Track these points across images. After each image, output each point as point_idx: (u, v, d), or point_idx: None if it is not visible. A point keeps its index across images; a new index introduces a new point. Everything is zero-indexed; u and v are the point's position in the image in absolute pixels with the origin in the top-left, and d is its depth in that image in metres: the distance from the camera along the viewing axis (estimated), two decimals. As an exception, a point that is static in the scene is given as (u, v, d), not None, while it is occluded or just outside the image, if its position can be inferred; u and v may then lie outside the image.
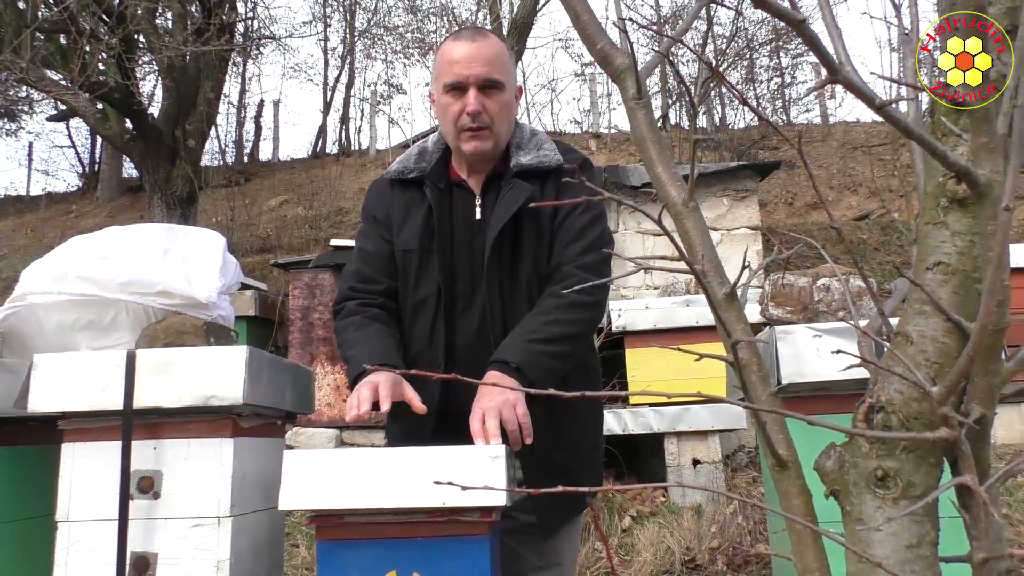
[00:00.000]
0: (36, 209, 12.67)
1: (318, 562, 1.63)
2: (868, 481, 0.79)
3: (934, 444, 0.76)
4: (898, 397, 0.79)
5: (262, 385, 1.67)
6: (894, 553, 0.76)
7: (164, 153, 7.65)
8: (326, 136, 14.57)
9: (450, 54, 1.81)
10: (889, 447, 0.78)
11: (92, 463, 1.62)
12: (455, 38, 1.84)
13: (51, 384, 1.61)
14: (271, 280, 6.98)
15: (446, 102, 1.81)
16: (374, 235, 1.91)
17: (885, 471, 0.78)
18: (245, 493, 1.66)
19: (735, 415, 3.73)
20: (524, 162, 1.85)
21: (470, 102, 1.78)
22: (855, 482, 0.80)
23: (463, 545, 1.61)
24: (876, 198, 9.35)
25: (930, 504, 0.77)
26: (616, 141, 12.06)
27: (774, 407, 0.83)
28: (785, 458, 0.83)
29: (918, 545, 0.76)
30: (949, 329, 0.79)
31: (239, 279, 2.09)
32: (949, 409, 0.72)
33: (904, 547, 0.76)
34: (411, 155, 1.95)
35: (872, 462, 0.79)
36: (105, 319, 1.87)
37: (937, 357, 0.79)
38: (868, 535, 0.76)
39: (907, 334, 0.82)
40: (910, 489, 0.77)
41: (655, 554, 3.17)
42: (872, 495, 0.78)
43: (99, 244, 1.95)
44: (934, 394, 0.73)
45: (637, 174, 5.22)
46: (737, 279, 0.83)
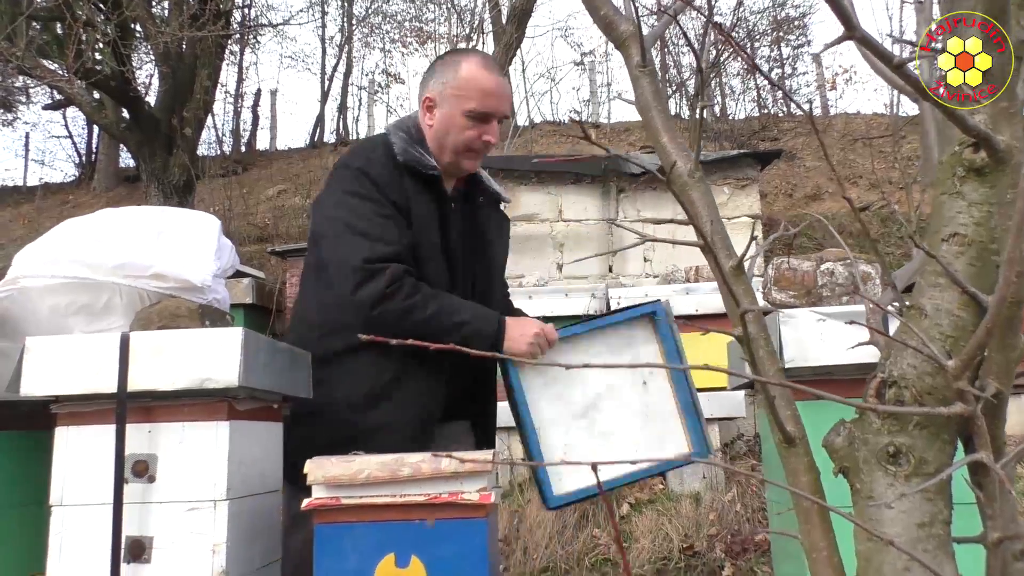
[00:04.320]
0: (33, 200, 12.62)
1: (315, 546, 1.61)
2: (879, 458, 0.77)
3: (948, 420, 0.74)
4: (911, 372, 0.77)
5: (258, 368, 1.65)
6: (905, 531, 0.74)
7: (160, 141, 7.61)
8: (324, 125, 14.53)
9: (481, 83, 1.93)
10: (901, 423, 0.76)
11: (86, 447, 1.60)
12: (484, 67, 1.96)
13: (44, 368, 1.58)
14: (268, 269, 6.95)
15: (464, 124, 1.93)
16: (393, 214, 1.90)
17: (897, 448, 0.76)
18: (241, 476, 1.64)
19: (734, 404, 3.71)
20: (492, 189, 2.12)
21: (493, 134, 1.95)
22: (865, 459, 0.78)
23: (461, 528, 1.60)
24: (876, 190, 9.32)
25: (943, 482, 0.75)
26: (616, 131, 12.03)
27: (783, 381, 0.81)
28: (793, 434, 0.81)
29: (930, 524, 0.74)
30: (965, 302, 0.76)
31: (234, 262, 2.07)
32: (965, 384, 0.70)
33: (916, 525, 0.74)
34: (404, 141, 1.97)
35: (883, 439, 0.77)
36: (99, 303, 1.85)
37: (952, 331, 0.77)
38: (879, 513, 0.74)
39: (921, 307, 0.79)
40: (923, 466, 0.75)
41: (653, 541, 3.16)
42: (883, 472, 0.76)
43: (92, 227, 1.92)
44: (950, 368, 0.70)
45: (638, 162, 5.18)
46: (745, 251, 0.81)
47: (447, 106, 1.94)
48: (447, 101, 1.95)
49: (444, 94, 1.95)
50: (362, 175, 1.91)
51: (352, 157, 1.98)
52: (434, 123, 1.98)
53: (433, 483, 1.61)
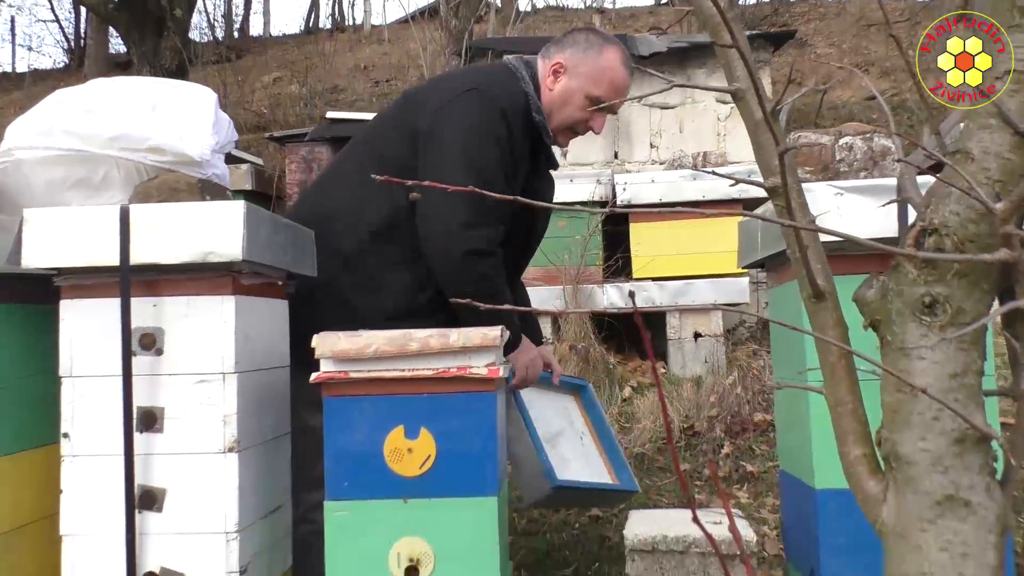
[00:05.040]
0: (22, 86, 12.29)
1: (325, 419, 1.62)
2: (914, 309, 0.75)
3: (990, 268, 0.71)
4: (953, 219, 0.74)
5: (261, 242, 1.62)
6: (937, 382, 0.72)
7: (150, 24, 7.34)
8: (319, 10, 14.02)
9: (616, 77, 1.99)
10: (940, 272, 0.73)
11: (91, 320, 1.59)
12: (623, 63, 2.00)
13: (44, 239, 1.55)
14: (267, 156, 6.84)
15: (583, 104, 1.97)
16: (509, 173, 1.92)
17: (934, 297, 0.73)
18: (249, 351, 1.64)
19: (738, 290, 3.71)
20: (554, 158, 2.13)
21: (600, 127, 2.03)
22: (899, 311, 0.76)
23: (470, 402, 1.61)
24: (888, 78, 9.06)
25: (979, 332, 0.73)
26: (621, 17, 11.62)
27: (818, 226, 0.77)
28: (823, 288, 0.79)
29: (963, 374, 0.73)
30: (1016, 144, 0.72)
31: (232, 138, 2.00)
32: (1012, 227, 0.67)
33: (948, 376, 0.73)
34: (534, 102, 1.99)
35: (919, 289, 0.75)
36: (96, 177, 1.80)
37: (1000, 175, 0.73)
38: (909, 364, 0.73)
39: (968, 151, 0.75)
40: (959, 316, 0.73)
41: (654, 422, 3.22)
42: (917, 323, 0.74)
43: (85, 97, 1.85)
44: (997, 211, 0.67)
45: (646, 44, 5.01)
46: (779, 100, 0.76)
47: (575, 81, 1.97)
48: (577, 77, 1.98)
49: (577, 69, 1.98)
50: (503, 120, 1.91)
51: (496, 90, 1.96)
52: (554, 90, 2.00)
53: (441, 358, 1.61)
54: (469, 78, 2.05)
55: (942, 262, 0.72)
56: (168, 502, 1.56)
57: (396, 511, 1.58)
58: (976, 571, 0.74)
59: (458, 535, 1.57)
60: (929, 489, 0.76)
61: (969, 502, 0.75)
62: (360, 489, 1.58)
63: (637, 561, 1.69)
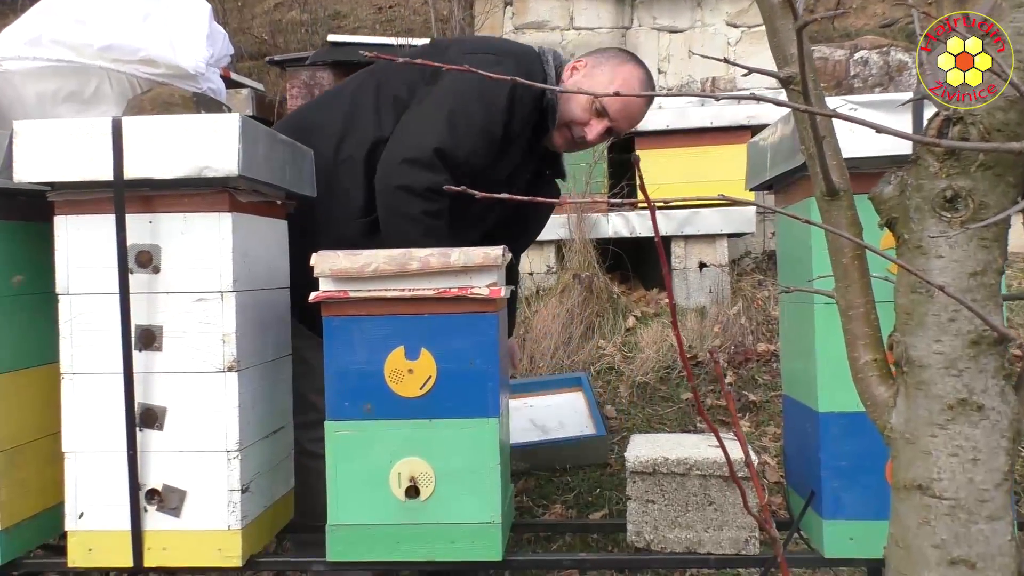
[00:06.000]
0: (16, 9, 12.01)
1: (325, 339, 1.61)
2: (934, 204, 0.71)
3: (1018, 159, 0.67)
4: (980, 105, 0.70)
5: (258, 158, 1.58)
6: (955, 281, 0.70)
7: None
8: (319, -67, 13.57)
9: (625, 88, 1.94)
10: (963, 164, 0.69)
11: (87, 237, 1.56)
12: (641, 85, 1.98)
13: (35, 153, 1.51)
14: (268, 83, 6.71)
15: (586, 107, 1.95)
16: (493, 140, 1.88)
17: (956, 191, 0.70)
18: (247, 270, 1.62)
19: (744, 219, 3.66)
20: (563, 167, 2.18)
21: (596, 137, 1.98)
22: (917, 207, 0.72)
23: (472, 322, 1.59)
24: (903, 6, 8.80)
25: (1001, 228, 0.70)
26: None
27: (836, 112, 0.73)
28: (838, 185, 0.75)
29: (983, 272, 0.70)
30: (1053, 24, 0.68)
31: (228, 51, 1.94)
32: (1045, 112, 0.63)
33: (967, 275, 0.70)
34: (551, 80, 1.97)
35: (940, 183, 0.71)
36: (87, 89, 1.75)
37: (1034, 58, 0.69)
38: (927, 262, 0.70)
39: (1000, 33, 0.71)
40: (982, 211, 0.70)
41: (658, 351, 3.22)
42: (937, 219, 0.71)
43: (75, 6, 1.78)
44: (1030, 96, 0.63)
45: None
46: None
47: (587, 83, 1.97)
48: (590, 77, 1.98)
49: (593, 73, 1.98)
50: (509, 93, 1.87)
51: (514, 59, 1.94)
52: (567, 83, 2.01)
53: (442, 277, 1.58)
54: (496, 45, 2.10)
55: (966, 153, 0.68)
56: (168, 420, 1.55)
57: (397, 431, 1.57)
58: (986, 476, 0.72)
59: (459, 456, 1.57)
60: (941, 393, 0.74)
61: (982, 406, 0.73)
62: (361, 410, 1.58)
63: (638, 483, 1.69)
